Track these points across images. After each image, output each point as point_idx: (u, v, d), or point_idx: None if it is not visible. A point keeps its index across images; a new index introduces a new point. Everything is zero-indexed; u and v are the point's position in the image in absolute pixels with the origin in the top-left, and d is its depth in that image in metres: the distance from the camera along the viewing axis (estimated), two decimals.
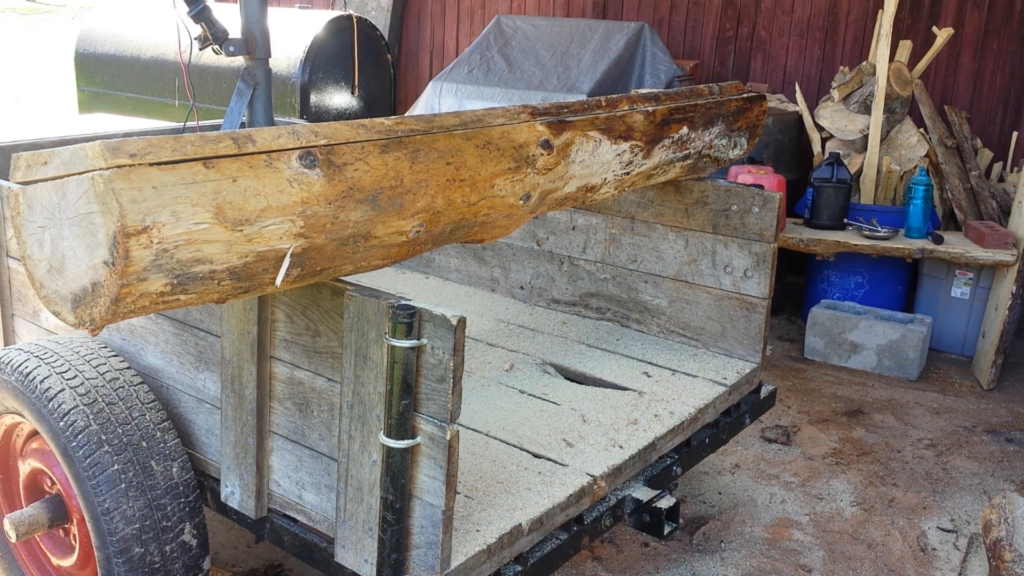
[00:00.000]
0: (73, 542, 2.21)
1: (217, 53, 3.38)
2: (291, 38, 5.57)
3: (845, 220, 4.57)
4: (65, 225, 1.36)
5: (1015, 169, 5.09)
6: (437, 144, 1.75)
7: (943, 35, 4.83)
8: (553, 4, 6.67)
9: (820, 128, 5.15)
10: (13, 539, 2.12)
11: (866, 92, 4.92)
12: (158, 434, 2.04)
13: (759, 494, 3.23)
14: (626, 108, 2.30)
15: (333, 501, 1.83)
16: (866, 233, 4.45)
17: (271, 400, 1.91)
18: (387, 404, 1.63)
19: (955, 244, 4.37)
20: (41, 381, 2.02)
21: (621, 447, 2.30)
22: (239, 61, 3.49)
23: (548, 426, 2.39)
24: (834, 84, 5.10)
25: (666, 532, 2.31)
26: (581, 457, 2.24)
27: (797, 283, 5.14)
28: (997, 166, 5.14)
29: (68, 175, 1.33)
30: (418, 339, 1.60)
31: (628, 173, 2.36)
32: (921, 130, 5.01)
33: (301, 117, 5.51)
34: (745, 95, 2.79)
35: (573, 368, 2.77)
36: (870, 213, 4.62)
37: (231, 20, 3.43)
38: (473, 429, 2.35)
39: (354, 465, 1.75)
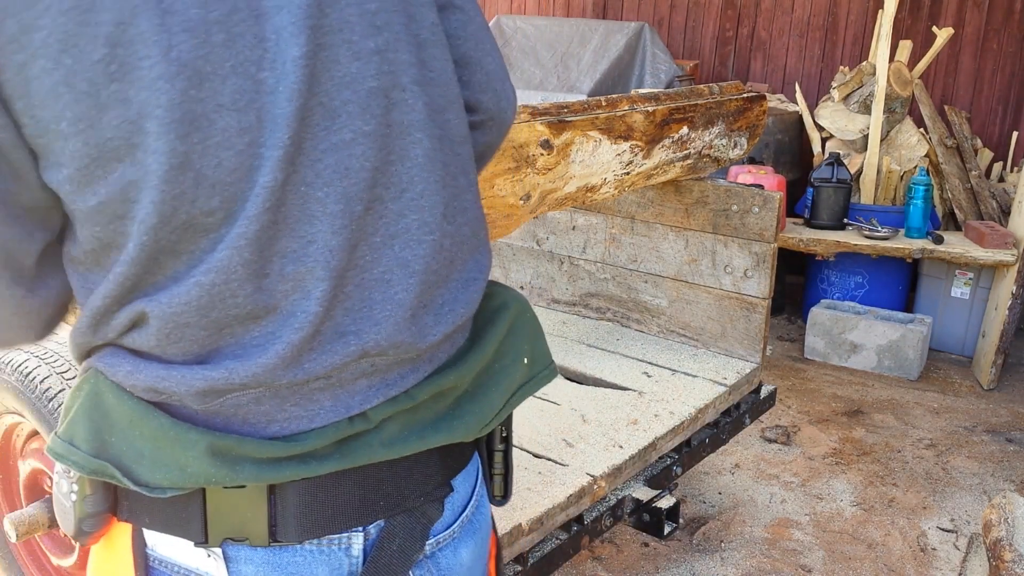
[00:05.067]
0: (73, 542, 2.21)
1: None
2: None
3: (845, 220, 4.57)
4: None
5: (1015, 169, 5.09)
6: None
7: (943, 35, 4.83)
8: (553, 4, 6.67)
9: (820, 128, 5.15)
10: (13, 539, 2.11)
11: (866, 92, 4.93)
12: None
13: (759, 494, 3.23)
14: (626, 108, 2.30)
15: None
16: (866, 233, 4.45)
17: None
18: None
19: (955, 244, 4.37)
20: (41, 381, 2.02)
21: (621, 447, 2.30)
22: None
23: (548, 426, 2.39)
24: (834, 84, 5.10)
25: (666, 532, 2.31)
26: (581, 457, 2.24)
27: (797, 283, 5.15)
28: (997, 166, 5.14)
29: None
30: None
31: (628, 173, 2.36)
32: (921, 130, 5.01)
33: None
34: (745, 95, 2.79)
35: (573, 368, 2.77)
36: (870, 213, 4.62)
37: None
38: None
39: None
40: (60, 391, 2.00)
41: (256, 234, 0.78)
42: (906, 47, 4.97)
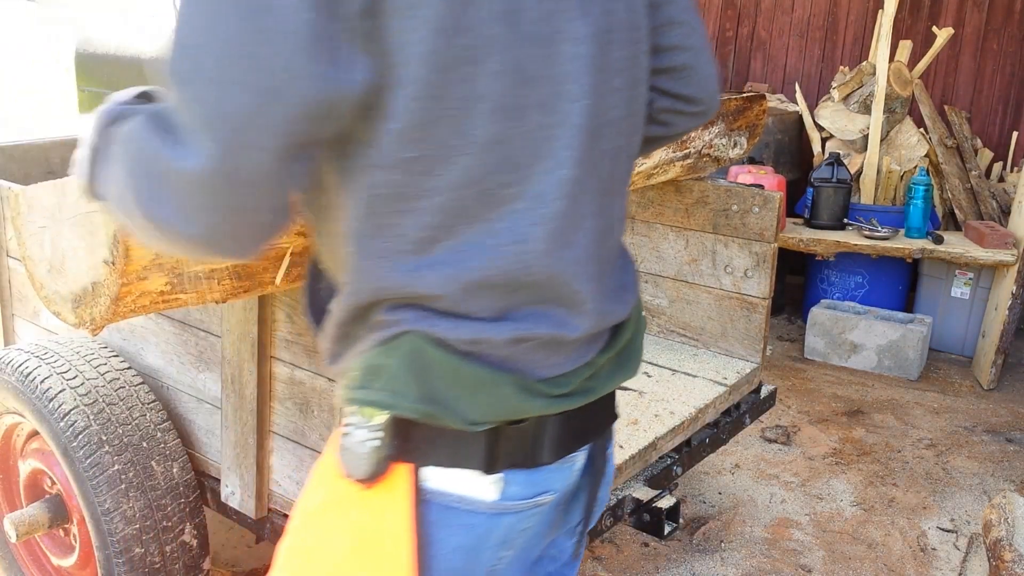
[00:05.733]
0: (73, 542, 2.21)
1: None
2: None
3: (845, 220, 4.57)
4: (65, 225, 1.36)
5: (1015, 169, 5.09)
6: None
7: (943, 35, 4.83)
8: None
9: (820, 128, 5.15)
10: (13, 539, 2.12)
11: (866, 92, 4.93)
12: (158, 434, 2.04)
13: (759, 494, 3.23)
14: None
15: None
16: (866, 233, 4.45)
17: (271, 400, 1.91)
18: None
19: (955, 244, 4.37)
20: (41, 381, 2.02)
21: (621, 447, 2.30)
22: None
23: None
24: (834, 84, 5.10)
25: (666, 532, 2.31)
26: None
27: (797, 283, 5.15)
28: (997, 166, 5.14)
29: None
30: None
31: None
32: (921, 130, 5.01)
33: None
34: (745, 95, 2.79)
35: None
36: (870, 213, 4.62)
37: None
38: None
39: None
40: (60, 391, 2.00)
41: (552, 217, 0.98)
42: (906, 47, 4.97)
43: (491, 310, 0.98)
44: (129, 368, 2.13)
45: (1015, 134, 5.13)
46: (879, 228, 4.46)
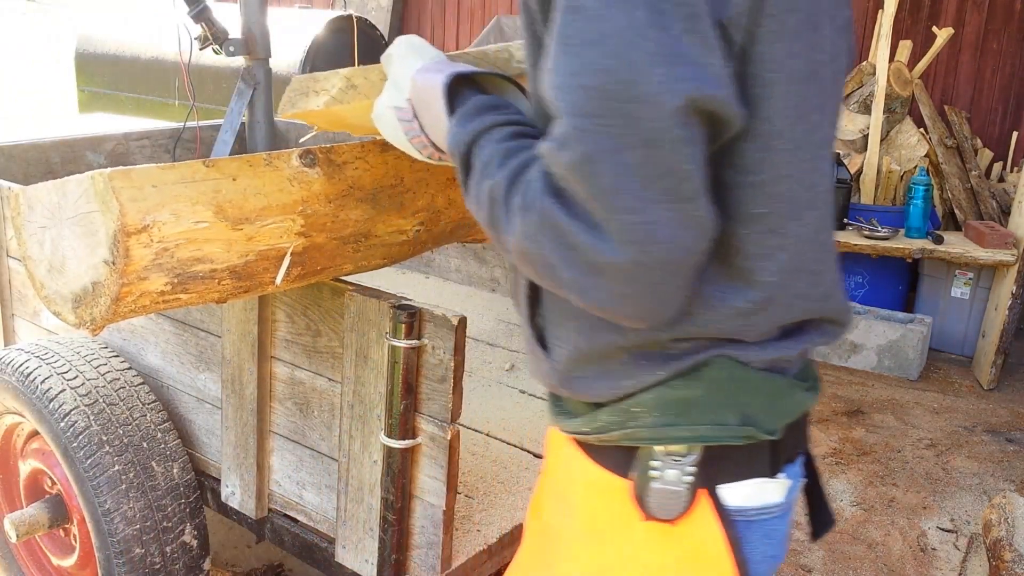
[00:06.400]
0: (73, 542, 2.21)
1: (217, 53, 3.37)
2: (291, 38, 5.57)
3: (845, 220, 4.57)
4: (65, 225, 1.35)
5: (1015, 169, 5.09)
6: None
7: (943, 35, 4.83)
8: None
9: None
10: (13, 539, 2.11)
11: (866, 92, 4.93)
12: (159, 434, 2.04)
13: None
14: None
15: (333, 501, 1.83)
16: (866, 233, 4.45)
17: (271, 400, 1.91)
18: (388, 404, 1.63)
19: (955, 244, 4.37)
20: (42, 381, 2.02)
21: None
22: (239, 61, 3.49)
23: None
24: None
25: None
26: None
27: None
28: (997, 166, 5.14)
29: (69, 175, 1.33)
30: (419, 339, 1.60)
31: None
32: (921, 130, 5.01)
33: None
34: None
35: None
36: (870, 213, 4.62)
37: (231, 20, 3.42)
38: (474, 429, 2.35)
39: (354, 465, 1.75)
40: (60, 391, 2.00)
41: (836, 253, 1.03)
42: (906, 47, 4.96)
43: (787, 334, 1.00)
44: (129, 368, 2.12)
45: (1015, 134, 5.13)
46: (879, 228, 4.46)
